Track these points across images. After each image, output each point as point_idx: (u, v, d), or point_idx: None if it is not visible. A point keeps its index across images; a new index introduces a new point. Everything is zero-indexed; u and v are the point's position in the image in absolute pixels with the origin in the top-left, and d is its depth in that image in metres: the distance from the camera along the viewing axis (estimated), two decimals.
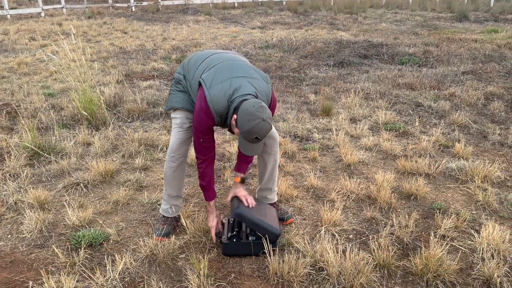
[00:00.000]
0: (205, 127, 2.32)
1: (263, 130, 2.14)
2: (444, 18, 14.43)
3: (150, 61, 7.83)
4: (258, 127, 2.12)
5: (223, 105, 2.23)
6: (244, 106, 2.15)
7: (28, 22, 13.12)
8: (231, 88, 2.23)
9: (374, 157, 3.84)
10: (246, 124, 2.12)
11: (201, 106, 2.27)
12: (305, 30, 12.03)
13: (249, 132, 2.14)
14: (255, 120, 2.11)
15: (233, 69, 2.33)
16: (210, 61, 2.42)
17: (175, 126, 2.58)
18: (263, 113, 2.12)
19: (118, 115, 4.87)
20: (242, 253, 2.45)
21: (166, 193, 2.68)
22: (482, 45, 9.05)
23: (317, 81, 6.45)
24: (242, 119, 2.13)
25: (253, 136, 2.15)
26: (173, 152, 2.57)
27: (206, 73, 2.32)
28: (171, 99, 2.60)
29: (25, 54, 8.45)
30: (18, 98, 5.36)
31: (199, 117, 2.30)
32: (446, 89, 5.90)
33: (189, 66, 2.53)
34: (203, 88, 2.26)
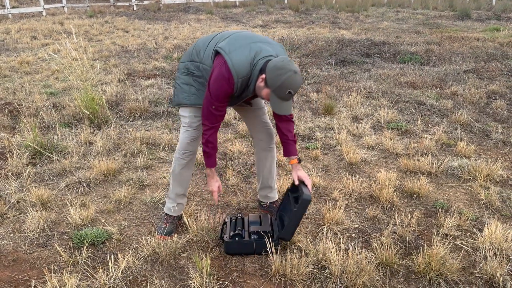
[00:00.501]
0: (222, 93, 2.25)
1: (296, 83, 2.12)
2: (446, 17, 14.40)
3: (152, 60, 7.83)
4: (291, 80, 2.10)
5: (245, 69, 2.21)
6: (272, 63, 2.14)
7: (30, 21, 13.13)
8: (251, 52, 2.21)
9: (376, 156, 3.83)
10: (278, 79, 2.10)
11: (220, 72, 2.21)
12: (307, 29, 12.02)
13: (282, 86, 2.11)
14: (287, 73, 2.09)
15: (248, 36, 2.32)
16: (221, 36, 2.39)
17: (184, 125, 2.56)
18: (293, 66, 2.13)
19: (120, 114, 4.87)
20: (245, 252, 2.45)
21: (173, 191, 2.67)
22: (484, 44, 9.02)
23: (319, 80, 6.45)
24: (272, 75, 2.11)
25: (286, 90, 2.12)
26: (183, 149, 2.56)
27: (222, 43, 2.29)
28: (177, 94, 2.54)
29: (27, 53, 8.46)
30: (20, 97, 5.36)
31: (218, 84, 2.23)
32: (448, 87, 5.89)
33: (195, 50, 2.46)
34: (222, 55, 2.22)
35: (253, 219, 2.60)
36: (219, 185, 2.56)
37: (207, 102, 2.31)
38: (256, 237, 2.43)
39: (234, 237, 2.43)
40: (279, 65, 2.11)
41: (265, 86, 2.18)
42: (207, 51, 2.38)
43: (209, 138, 2.40)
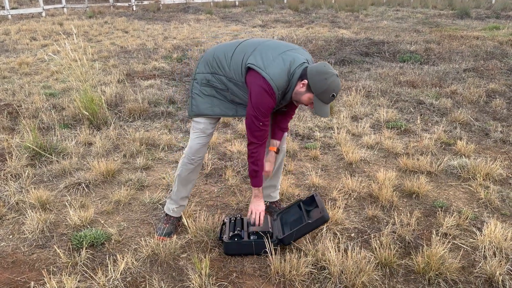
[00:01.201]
0: (267, 108, 2.28)
1: (339, 86, 2.21)
2: (445, 15, 14.39)
3: (151, 60, 7.82)
4: (335, 84, 2.18)
5: (284, 81, 2.25)
6: (314, 69, 2.20)
7: (29, 22, 13.13)
8: (286, 63, 2.25)
9: (376, 156, 3.83)
10: (324, 83, 2.16)
11: (261, 89, 2.22)
12: (306, 28, 12.01)
13: (327, 90, 2.17)
14: (331, 77, 2.17)
15: (275, 47, 2.33)
16: (245, 48, 2.37)
17: (196, 130, 2.51)
18: (333, 69, 2.20)
19: (119, 114, 4.87)
20: (244, 253, 2.45)
21: (177, 194, 2.65)
22: (484, 42, 9.02)
23: None
24: (317, 80, 2.17)
25: (330, 94, 2.18)
26: (193, 154, 2.52)
27: (250, 57, 2.28)
28: (197, 104, 2.47)
29: (26, 54, 8.46)
30: (19, 98, 5.36)
31: (261, 100, 2.25)
32: (447, 86, 5.88)
33: (216, 61, 2.41)
34: (257, 71, 2.23)
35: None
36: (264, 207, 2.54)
37: (253, 121, 2.31)
38: (255, 238, 2.43)
39: (233, 238, 2.43)
40: (323, 70, 2.18)
41: (307, 91, 2.23)
42: (233, 64, 2.35)
43: (259, 156, 2.42)
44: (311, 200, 2.63)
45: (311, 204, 2.61)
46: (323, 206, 2.47)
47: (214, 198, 3.13)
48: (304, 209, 2.58)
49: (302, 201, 2.66)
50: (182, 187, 2.63)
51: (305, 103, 2.29)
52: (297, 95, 2.28)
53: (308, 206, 2.61)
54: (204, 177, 3.46)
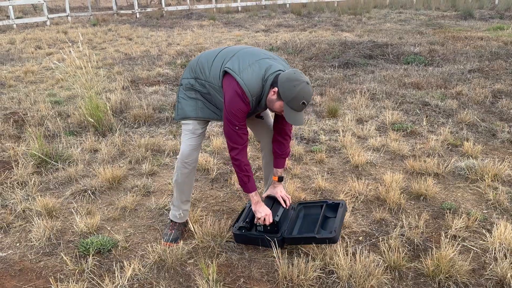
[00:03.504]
0: (241, 112, 2.29)
1: (309, 94, 2.18)
2: (449, 17, 14.35)
3: (155, 66, 7.85)
4: (304, 91, 2.16)
5: (257, 86, 2.26)
6: (284, 76, 2.19)
7: (34, 31, 13.23)
8: (261, 69, 2.27)
9: (382, 158, 3.81)
10: (292, 91, 2.15)
11: (235, 92, 2.24)
12: (309, 32, 12.02)
13: (296, 97, 2.16)
14: (300, 84, 2.15)
15: (254, 53, 2.36)
16: (225, 53, 2.41)
17: (186, 132, 2.54)
18: (305, 77, 2.19)
19: (124, 121, 4.88)
20: (251, 244, 2.51)
21: (178, 199, 2.65)
22: (488, 43, 8.98)
23: (322, 83, 6.43)
24: (286, 87, 2.16)
25: (300, 101, 2.17)
26: (186, 158, 2.54)
27: (228, 62, 2.31)
28: (182, 107, 2.53)
29: (31, 63, 8.51)
30: (25, 107, 5.39)
31: (235, 104, 2.26)
32: (453, 87, 5.85)
33: (198, 66, 2.48)
34: (232, 75, 2.25)
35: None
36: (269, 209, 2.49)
37: (229, 126, 2.32)
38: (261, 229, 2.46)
39: (241, 229, 2.49)
40: (292, 77, 2.16)
41: (278, 99, 2.23)
42: (212, 69, 2.40)
43: (242, 160, 2.40)
44: (336, 207, 2.57)
45: (334, 211, 2.55)
46: (339, 224, 2.38)
47: (220, 203, 3.12)
48: (323, 214, 2.54)
49: (327, 203, 2.62)
50: (181, 192, 2.64)
51: (278, 111, 2.30)
52: (269, 102, 2.30)
53: (329, 212, 2.57)
54: (209, 182, 3.45)
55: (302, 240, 2.41)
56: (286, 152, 2.61)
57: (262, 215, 2.44)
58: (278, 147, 2.60)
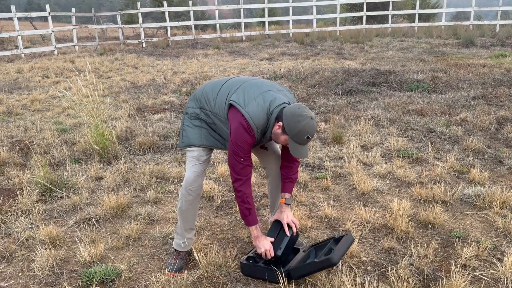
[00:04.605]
0: (246, 145, 2.32)
1: (313, 128, 2.21)
2: (450, 45, 14.53)
3: (161, 94, 7.94)
4: (308, 126, 2.19)
5: (262, 119, 2.29)
6: (289, 110, 2.23)
7: (42, 60, 13.48)
8: (266, 102, 2.30)
9: (389, 185, 3.77)
10: (297, 126, 2.18)
11: (240, 125, 2.28)
12: (312, 60, 12.17)
13: (300, 132, 2.19)
14: (305, 120, 2.19)
15: (259, 85, 2.41)
16: (230, 85, 2.45)
17: (191, 159, 2.55)
18: (309, 112, 2.23)
19: (129, 148, 4.89)
20: (258, 277, 2.44)
21: (182, 227, 2.62)
22: (491, 70, 9.04)
23: (326, 110, 6.46)
24: (290, 122, 2.20)
25: (304, 136, 2.19)
26: (190, 185, 2.53)
27: (234, 95, 2.35)
28: (187, 135, 2.55)
29: (38, 91, 8.63)
30: (31, 135, 5.43)
31: (240, 136, 2.29)
32: (457, 114, 5.86)
33: (204, 97, 2.52)
34: (237, 108, 2.29)
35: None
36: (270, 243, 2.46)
37: (234, 157, 2.35)
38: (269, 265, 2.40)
39: (249, 260, 2.44)
40: (297, 113, 2.21)
41: (283, 133, 2.26)
42: (218, 101, 2.44)
43: (246, 192, 2.41)
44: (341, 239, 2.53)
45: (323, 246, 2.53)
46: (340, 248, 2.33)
47: (225, 231, 3.08)
48: (329, 247, 2.49)
49: (334, 238, 2.58)
50: (185, 220, 2.61)
51: (283, 144, 2.34)
52: (275, 135, 2.34)
53: (335, 245, 2.53)
54: (214, 210, 3.42)
55: (306, 269, 2.35)
56: (294, 175, 2.60)
57: (262, 250, 2.43)
58: (286, 171, 2.60)
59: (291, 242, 2.55)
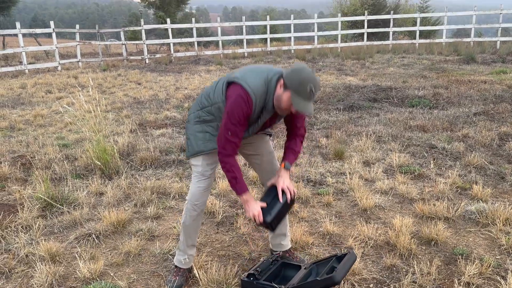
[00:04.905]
0: (240, 115, 2.26)
1: (315, 80, 2.18)
2: (451, 61, 14.60)
3: (163, 110, 7.97)
4: (310, 76, 2.17)
5: (261, 87, 2.27)
6: (289, 68, 2.24)
7: (45, 75, 13.60)
8: (263, 72, 2.32)
9: (391, 201, 3.75)
10: (298, 77, 2.17)
11: (238, 96, 2.26)
12: None
13: (303, 83, 2.15)
14: (305, 70, 2.19)
15: (257, 67, 2.43)
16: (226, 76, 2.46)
17: (196, 174, 2.53)
18: (309, 68, 2.22)
19: (131, 163, 4.89)
20: None
21: (184, 243, 2.60)
22: (492, 86, 9.07)
23: (328, 125, 6.47)
24: (292, 75, 2.20)
25: (307, 86, 2.15)
26: (196, 200, 2.52)
27: (231, 76, 2.38)
28: (191, 144, 2.50)
29: (41, 107, 8.68)
30: (33, 150, 5.44)
31: (235, 106, 2.25)
32: (459, 130, 5.86)
33: (203, 96, 2.52)
34: (235, 82, 2.30)
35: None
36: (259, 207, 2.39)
37: (223, 129, 2.31)
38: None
39: (249, 277, 2.40)
40: (298, 67, 2.22)
41: (284, 90, 2.22)
42: (216, 90, 2.44)
43: (230, 161, 2.35)
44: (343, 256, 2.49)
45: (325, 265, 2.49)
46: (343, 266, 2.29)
47: (225, 248, 3.06)
48: (331, 265, 2.44)
49: (337, 256, 2.55)
50: (187, 235, 2.59)
51: (286, 106, 2.24)
52: (277, 98, 2.27)
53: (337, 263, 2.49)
54: (215, 226, 3.40)
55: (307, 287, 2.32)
56: (297, 148, 2.55)
57: (250, 214, 2.37)
58: (290, 144, 2.56)
59: (284, 209, 2.45)
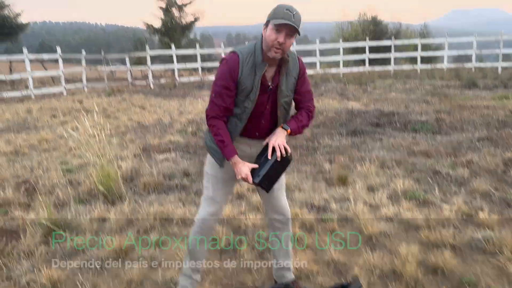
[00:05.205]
0: (223, 75, 2.30)
1: (290, 6, 2.24)
2: (453, 86, 14.69)
3: (167, 134, 8.01)
4: (284, 4, 2.25)
5: (248, 47, 2.34)
6: None
7: (51, 100, 13.75)
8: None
9: (396, 228, 3.71)
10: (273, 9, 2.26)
11: (223, 59, 2.34)
12: (316, 101, 12.28)
13: (277, 8, 2.24)
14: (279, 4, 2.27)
15: None
16: None
17: (206, 197, 2.52)
18: None
19: (134, 189, 4.88)
20: None
21: (189, 266, 2.58)
22: (495, 111, 9.09)
23: (331, 150, 6.47)
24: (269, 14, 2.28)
25: (282, 8, 2.22)
26: (203, 224, 2.51)
27: None
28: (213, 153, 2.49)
29: (46, 131, 8.74)
30: (37, 175, 5.45)
31: (220, 67, 2.33)
32: (463, 156, 5.84)
33: None
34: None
35: None
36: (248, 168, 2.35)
37: (210, 92, 2.37)
38: None
39: None
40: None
41: (266, 27, 2.28)
42: None
43: (217, 124, 2.35)
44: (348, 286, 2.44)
45: None
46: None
47: (228, 276, 3.02)
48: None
49: (342, 285, 2.50)
50: (192, 257, 2.58)
51: (271, 38, 2.23)
52: (264, 41, 2.29)
53: None
54: (218, 253, 3.36)
55: None
56: (303, 118, 2.52)
57: (239, 176, 2.34)
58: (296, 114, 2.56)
59: (275, 168, 2.37)
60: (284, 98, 2.43)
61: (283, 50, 2.26)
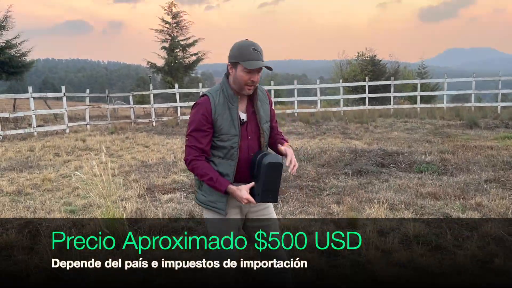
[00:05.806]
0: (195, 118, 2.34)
1: (253, 42, 2.27)
2: (454, 126, 14.80)
3: (171, 173, 7.97)
4: (246, 41, 2.28)
5: (216, 87, 2.39)
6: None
7: (54, 138, 13.78)
8: None
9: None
10: (236, 49, 2.27)
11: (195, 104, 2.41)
12: (319, 140, 12.36)
13: (243, 47, 2.26)
14: (239, 42, 2.31)
15: None
16: None
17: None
18: None
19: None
20: None
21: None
22: (499, 152, 9.10)
23: (337, 191, 6.41)
24: (231, 54, 2.30)
25: (250, 48, 2.24)
26: None
27: None
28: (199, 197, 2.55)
29: (49, 170, 8.69)
30: (40, 216, 5.37)
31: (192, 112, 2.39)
32: (471, 198, 5.78)
33: None
34: None
35: None
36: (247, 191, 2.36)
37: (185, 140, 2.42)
38: None
39: None
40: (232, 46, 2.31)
41: (233, 67, 2.31)
42: None
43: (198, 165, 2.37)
44: None
45: None
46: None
47: None
48: None
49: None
50: None
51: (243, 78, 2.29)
52: (234, 80, 2.33)
53: None
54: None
55: None
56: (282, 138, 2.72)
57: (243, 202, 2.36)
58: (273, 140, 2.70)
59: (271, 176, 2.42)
60: (264, 124, 2.52)
61: (255, 86, 2.39)
